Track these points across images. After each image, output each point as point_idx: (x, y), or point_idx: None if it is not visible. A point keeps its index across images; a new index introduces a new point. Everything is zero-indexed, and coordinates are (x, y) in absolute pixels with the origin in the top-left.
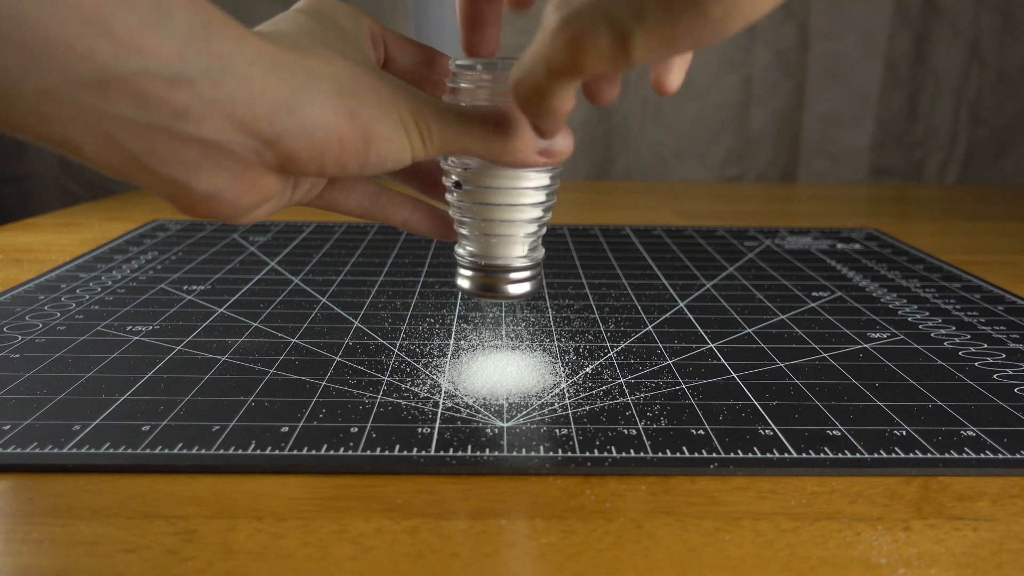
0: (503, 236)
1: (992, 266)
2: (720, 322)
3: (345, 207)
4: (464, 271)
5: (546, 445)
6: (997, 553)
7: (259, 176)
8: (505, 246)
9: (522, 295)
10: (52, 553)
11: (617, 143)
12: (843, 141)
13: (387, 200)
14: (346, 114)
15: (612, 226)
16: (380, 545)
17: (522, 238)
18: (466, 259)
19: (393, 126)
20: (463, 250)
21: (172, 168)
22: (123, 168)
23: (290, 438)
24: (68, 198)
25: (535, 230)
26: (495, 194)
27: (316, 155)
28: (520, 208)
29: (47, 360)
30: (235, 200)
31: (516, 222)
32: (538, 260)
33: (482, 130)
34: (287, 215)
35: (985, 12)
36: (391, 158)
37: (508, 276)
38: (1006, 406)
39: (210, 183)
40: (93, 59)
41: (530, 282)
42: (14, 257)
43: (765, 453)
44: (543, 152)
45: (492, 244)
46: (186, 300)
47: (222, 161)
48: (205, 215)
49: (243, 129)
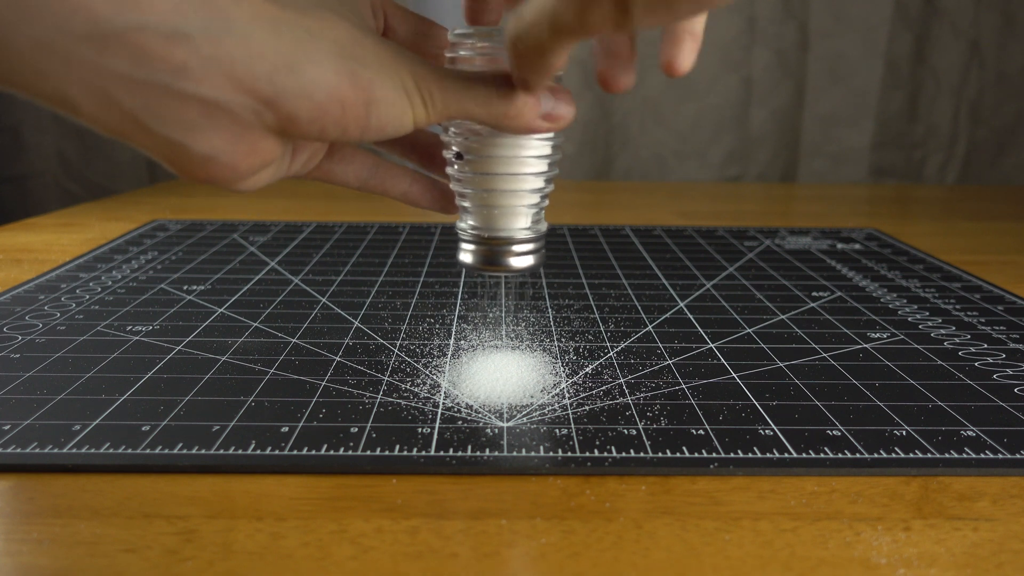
0: (505, 207)
1: (992, 266)
2: (720, 322)
3: (343, 179)
4: (466, 245)
5: (546, 445)
6: (997, 553)
7: (259, 139)
8: (508, 217)
9: (525, 268)
10: (52, 553)
11: (617, 143)
12: (843, 141)
13: (386, 172)
14: (347, 75)
15: (612, 226)
16: (380, 545)
17: (525, 209)
18: (468, 233)
19: (395, 90)
20: (465, 224)
21: (170, 128)
22: (120, 127)
23: (290, 438)
24: (68, 198)
25: (538, 201)
26: (497, 163)
27: (317, 117)
28: (522, 178)
29: (47, 360)
30: (234, 163)
31: (518, 192)
32: (541, 233)
33: (485, 94)
34: (287, 215)
35: (985, 12)
36: (392, 123)
37: (511, 249)
38: (1006, 406)
39: (208, 144)
40: (90, 12)
41: (533, 255)
42: (14, 257)
43: (765, 453)
44: (546, 116)
45: (494, 216)
46: (186, 300)
47: (221, 121)
48: (203, 178)
49: (243, 88)
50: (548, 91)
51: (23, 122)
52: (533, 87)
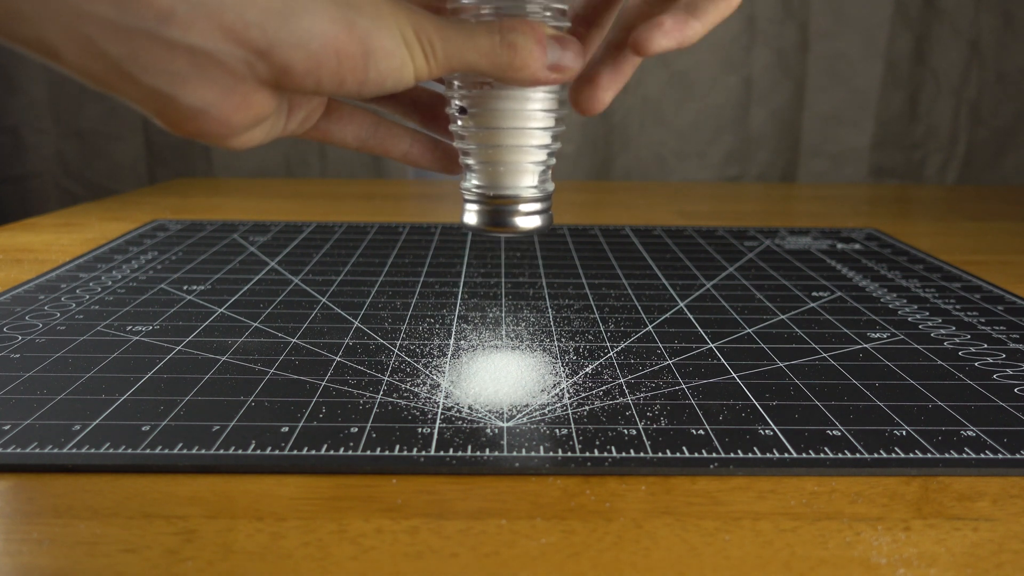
0: (511, 163)
1: (992, 266)
2: (720, 322)
3: (341, 139)
4: (471, 206)
5: (546, 445)
6: (997, 553)
7: (251, 91)
8: (514, 175)
9: (533, 229)
10: (52, 553)
11: (617, 143)
12: (843, 141)
13: (386, 131)
14: (343, 24)
15: (612, 226)
16: (380, 545)
17: (531, 166)
18: (472, 192)
19: (393, 40)
20: (469, 183)
21: (157, 78)
22: (105, 77)
23: (290, 438)
24: (68, 198)
25: (544, 158)
26: (502, 117)
27: (312, 68)
28: (529, 132)
29: (47, 360)
30: (225, 117)
31: (525, 148)
32: (548, 193)
33: (488, 44)
34: (287, 215)
35: (985, 12)
36: (392, 76)
37: (518, 208)
38: (1006, 406)
39: (198, 96)
40: None
41: (540, 215)
42: (14, 257)
43: (765, 453)
44: (553, 67)
45: (500, 173)
46: (186, 300)
47: (211, 72)
48: (193, 132)
49: (233, 37)
50: (554, 40)
51: (23, 122)
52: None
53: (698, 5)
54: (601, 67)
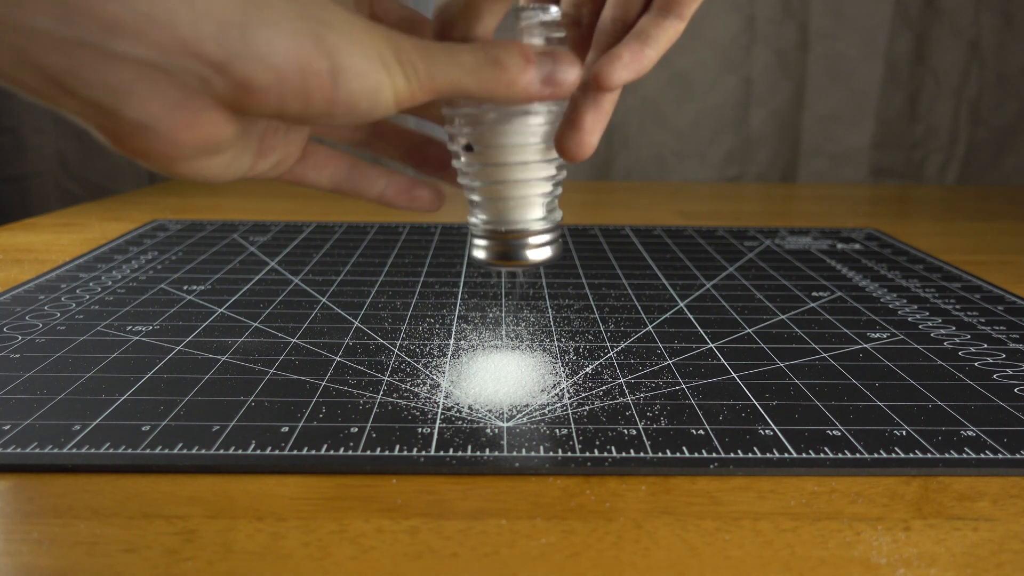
0: (519, 198)
1: (992, 266)
2: (720, 322)
3: (316, 182)
4: (479, 241)
5: (546, 445)
6: (997, 553)
7: (203, 108)
8: (522, 208)
9: (544, 261)
10: (52, 553)
11: (617, 143)
12: (843, 141)
13: (361, 174)
14: (309, 37)
15: (612, 226)
16: (380, 545)
17: (538, 198)
18: (480, 227)
19: (367, 59)
20: (476, 218)
21: (98, 91)
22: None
23: (290, 438)
24: (68, 198)
25: (550, 189)
26: (507, 152)
27: (274, 83)
28: (534, 166)
29: (47, 360)
30: (172, 134)
31: (531, 181)
32: (557, 222)
33: (473, 61)
34: (287, 215)
35: (985, 12)
36: (365, 98)
37: (528, 241)
38: (1006, 406)
39: (143, 111)
40: None
41: (551, 246)
42: (14, 257)
43: (765, 453)
44: (545, 81)
45: (508, 208)
46: (186, 300)
47: (159, 85)
48: (138, 151)
49: (186, 50)
50: (544, 54)
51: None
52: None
53: (649, 33)
54: (583, 110)
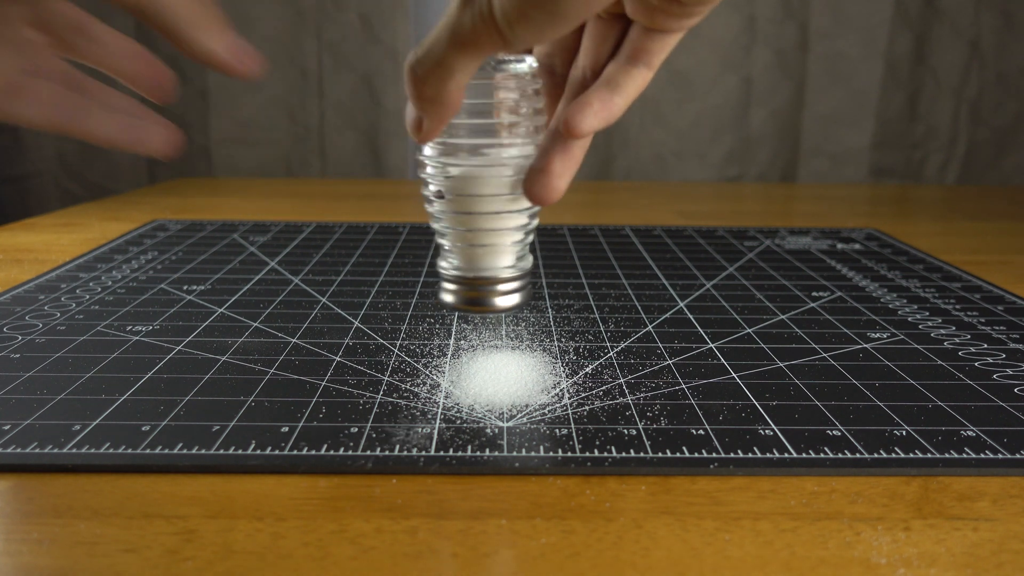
0: (488, 246)
1: (992, 266)
2: (720, 322)
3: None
4: (448, 285)
5: (546, 445)
6: (997, 553)
7: None
8: (491, 256)
9: (511, 308)
10: (52, 553)
11: (617, 143)
12: (843, 141)
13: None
14: None
15: (612, 226)
16: (380, 545)
17: (509, 247)
18: (449, 272)
19: None
20: (446, 263)
21: None
22: None
23: (290, 438)
24: (68, 198)
25: (521, 238)
26: (478, 203)
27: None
28: (505, 216)
29: (47, 360)
30: None
31: (502, 231)
32: (526, 270)
33: None
34: (287, 215)
35: (985, 12)
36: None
37: (495, 288)
38: (1006, 406)
39: None
40: None
41: (519, 293)
42: (14, 257)
43: (765, 453)
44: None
45: (477, 255)
46: (186, 300)
47: None
48: None
49: None
50: None
51: None
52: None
53: (619, 82)
54: (552, 155)
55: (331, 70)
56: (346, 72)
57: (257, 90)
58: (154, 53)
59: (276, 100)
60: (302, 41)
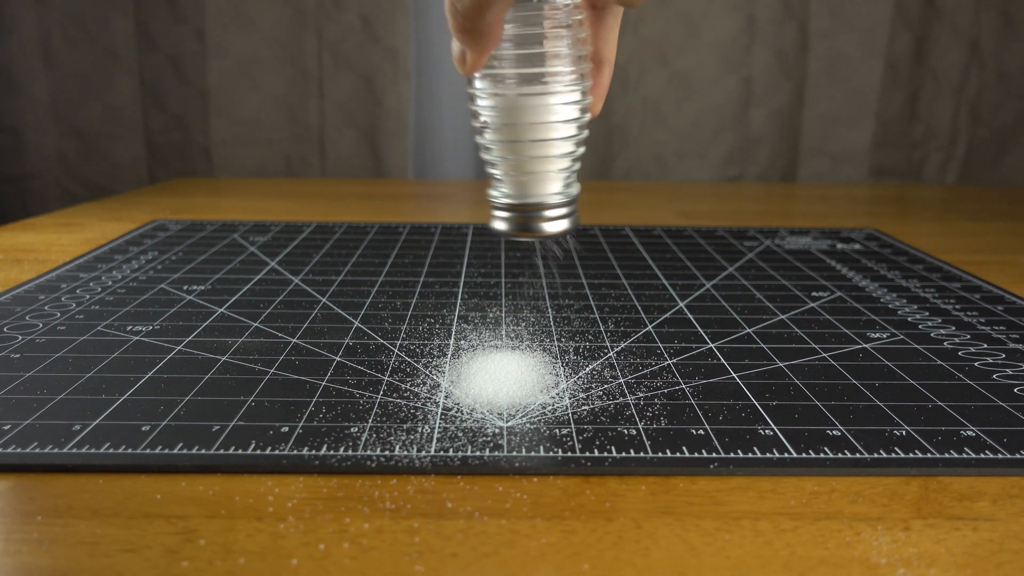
0: (536, 174)
1: (992, 266)
2: (720, 322)
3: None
4: (498, 212)
5: (546, 445)
6: (997, 553)
7: None
8: (540, 183)
9: (559, 232)
10: (52, 553)
11: (617, 143)
12: (843, 141)
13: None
14: None
15: (612, 226)
16: (380, 545)
17: (556, 174)
18: (500, 200)
19: None
20: (497, 191)
21: None
22: None
23: (290, 438)
24: (68, 198)
25: (568, 164)
26: (525, 130)
27: None
28: (551, 143)
29: (47, 360)
30: None
31: (549, 158)
32: (573, 196)
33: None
34: (287, 215)
35: (985, 12)
36: None
37: (544, 214)
38: (1006, 406)
39: None
40: None
41: (567, 219)
42: (14, 257)
43: (765, 453)
44: None
45: (526, 182)
46: (186, 300)
47: None
48: None
49: None
50: None
51: (23, 122)
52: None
53: None
54: None
55: (331, 70)
56: (346, 72)
57: (257, 90)
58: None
59: (276, 100)
60: (302, 41)
